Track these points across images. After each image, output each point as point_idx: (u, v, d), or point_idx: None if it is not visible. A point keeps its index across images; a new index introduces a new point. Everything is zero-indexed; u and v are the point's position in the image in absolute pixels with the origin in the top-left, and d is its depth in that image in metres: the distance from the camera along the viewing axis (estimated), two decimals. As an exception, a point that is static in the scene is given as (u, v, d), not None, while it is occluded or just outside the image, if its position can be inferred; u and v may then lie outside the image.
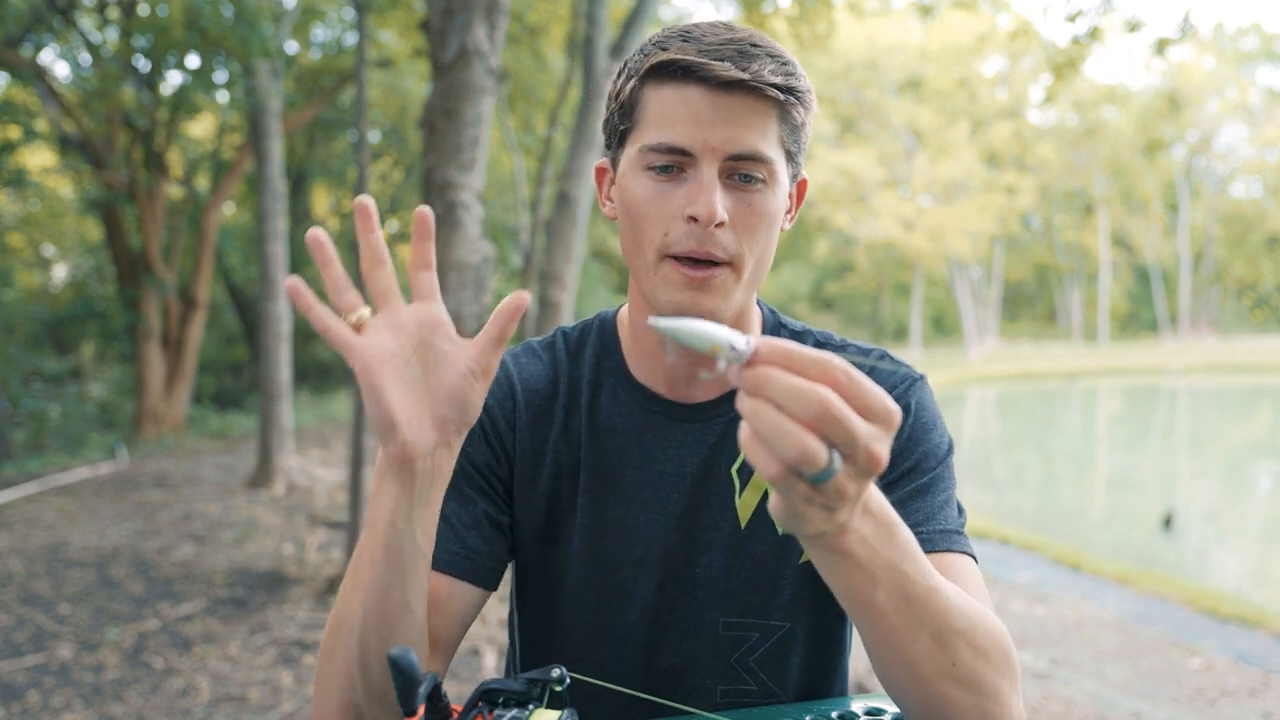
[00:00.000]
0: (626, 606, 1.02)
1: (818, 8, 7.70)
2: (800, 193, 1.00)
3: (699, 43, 0.87)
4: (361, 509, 5.32)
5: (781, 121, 0.89)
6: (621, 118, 0.93)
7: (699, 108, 0.87)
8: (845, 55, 36.30)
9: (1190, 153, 42.99)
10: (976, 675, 0.76)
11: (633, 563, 1.01)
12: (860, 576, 0.69)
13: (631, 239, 0.93)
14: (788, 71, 0.88)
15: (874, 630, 0.73)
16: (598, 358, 1.05)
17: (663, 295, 0.91)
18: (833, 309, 43.53)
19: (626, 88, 0.92)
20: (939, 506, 0.94)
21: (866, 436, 0.57)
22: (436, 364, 0.77)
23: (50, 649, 4.21)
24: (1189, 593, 5.18)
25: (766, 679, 1.03)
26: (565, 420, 1.03)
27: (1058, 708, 3.59)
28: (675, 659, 1.02)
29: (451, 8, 3.95)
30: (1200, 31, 36.89)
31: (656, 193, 0.89)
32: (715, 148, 0.87)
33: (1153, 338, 44.89)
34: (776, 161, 0.89)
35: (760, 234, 0.90)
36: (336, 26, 12.86)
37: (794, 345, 0.58)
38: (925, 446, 0.98)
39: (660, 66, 0.88)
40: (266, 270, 8.25)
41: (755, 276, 0.93)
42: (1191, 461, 12.83)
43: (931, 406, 1.01)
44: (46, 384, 13.36)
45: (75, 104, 10.99)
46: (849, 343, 1.06)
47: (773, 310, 1.08)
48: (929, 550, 0.90)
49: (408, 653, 0.67)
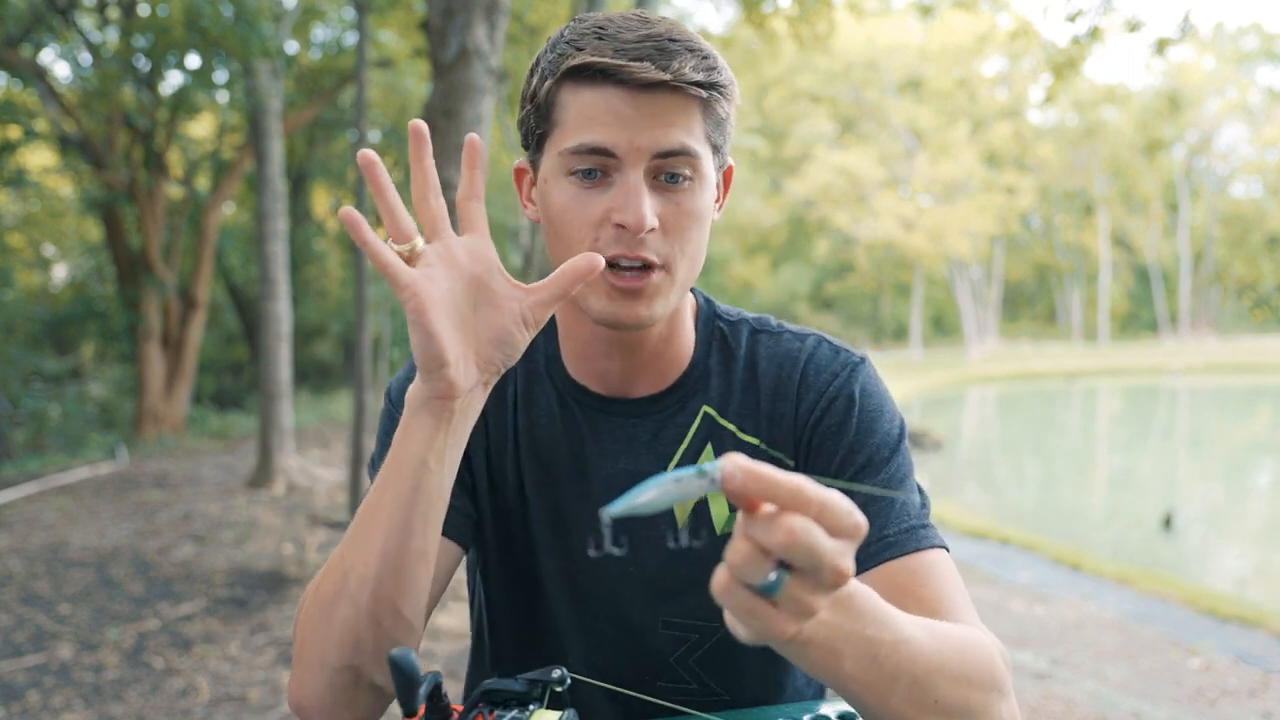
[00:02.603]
0: (566, 597, 1.01)
1: (818, 8, 7.70)
2: (727, 181, 0.98)
3: (615, 40, 0.84)
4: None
5: (705, 117, 0.87)
6: (539, 120, 0.90)
7: (620, 110, 0.83)
8: (845, 55, 36.27)
9: (1190, 153, 42.99)
10: (960, 701, 0.73)
11: (571, 554, 1.00)
12: (822, 653, 0.64)
13: (558, 245, 0.89)
14: (709, 66, 0.85)
15: (846, 692, 0.70)
16: (539, 348, 1.04)
17: (594, 303, 0.89)
18: (833, 309, 43.53)
19: (542, 89, 0.88)
20: (900, 502, 0.92)
21: (833, 554, 0.54)
22: (486, 301, 0.77)
23: (50, 649, 4.21)
24: (1189, 593, 5.18)
25: (708, 679, 1.01)
26: (514, 401, 1.03)
27: (1058, 708, 3.59)
28: (611, 653, 1.01)
29: (451, 8, 3.95)
30: (1200, 31, 36.92)
31: (581, 199, 0.86)
32: (640, 148, 0.84)
33: (1153, 338, 44.89)
34: (703, 157, 0.87)
35: (692, 234, 0.88)
36: (336, 26, 12.87)
37: (765, 471, 0.53)
38: (876, 438, 0.95)
39: (576, 69, 0.85)
40: (266, 270, 8.25)
41: (689, 276, 0.91)
42: (1191, 461, 12.83)
43: (876, 390, 0.98)
44: (46, 384, 13.36)
45: (75, 104, 10.99)
46: (785, 327, 1.04)
47: (708, 299, 1.06)
48: (898, 554, 0.88)
49: (408, 653, 0.67)
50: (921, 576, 0.87)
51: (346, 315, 15.93)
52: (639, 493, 0.53)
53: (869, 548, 0.89)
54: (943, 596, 0.86)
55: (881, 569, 0.88)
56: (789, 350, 1.00)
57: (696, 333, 1.02)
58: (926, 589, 0.86)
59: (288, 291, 8.43)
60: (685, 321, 1.00)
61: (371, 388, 7.18)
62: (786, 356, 1.00)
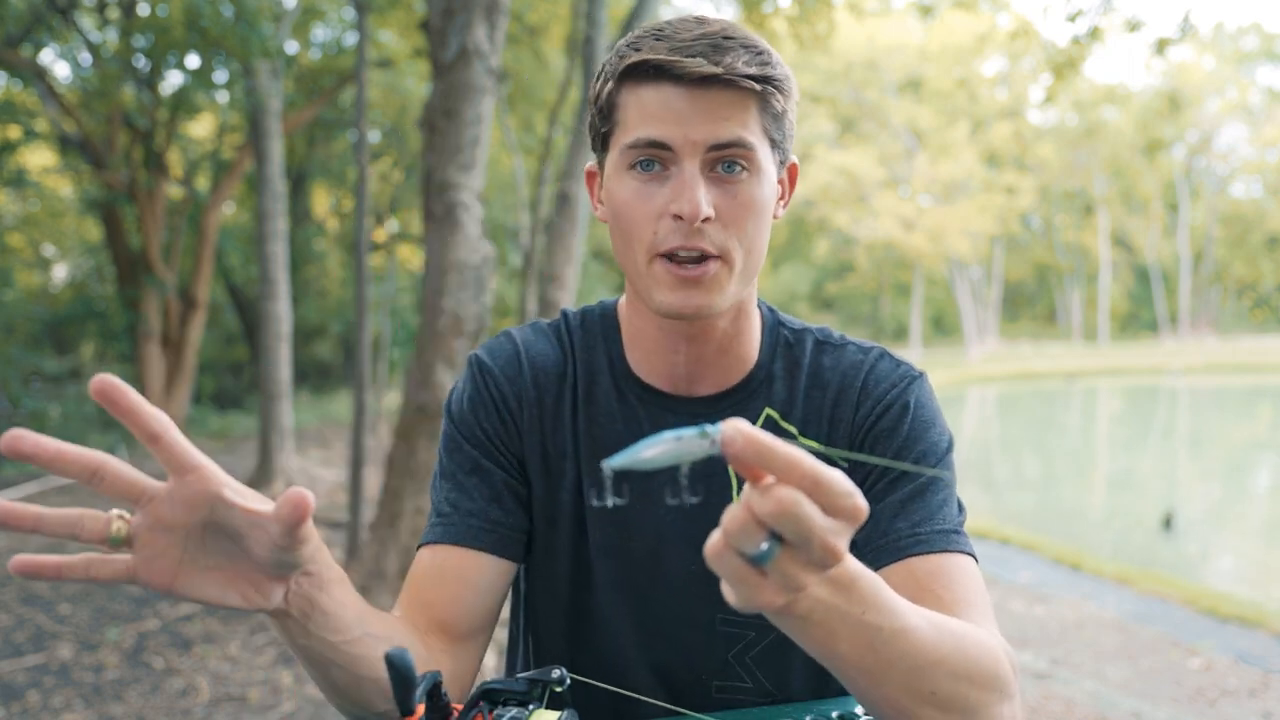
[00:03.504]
0: (623, 597, 1.02)
1: (818, 8, 7.70)
2: (792, 178, 0.99)
3: (671, 40, 0.87)
4: (361, 509, 5.32)
5: (762, 111, 0.89)
6: (602, 120, 0.93)
7: (676, 105, 0.86)
8: (845, 55, 36.28)
9: (1190, 153, 42.99)
10: (959, 698, 0.73)
11: (631, 554, 1.01)
12: (818, 633, 0.66)
13: (621, 240, 0.93)
14: (763, 61, 0.88)
15: (840, 673, 0.71)
16: (599, 347, 1.05)
17: (656, 295, 0.91)
18: (833, 309, 43.53)
19: (604, 90, 0.92)
20: (937, 506, 0.93)
21: (823, 530, 0.55)
22: (227, 539, 0.69)
23: (50, 649, 4.21)
24: (1189, 593, 5.18)
25: (763, 678, 1.03)
26: (573, 404, 1.03)
27: (1058, 708, 3.59)
28: (669, 653, 1.02)
29: (451, 8, 3.95)
30: (1200, 31, 36.93)
31: (641, 192, 0.89)
32: (696, 141, 0.86)
33: (1153, 338, 44.88)
34: (759, 148, 0.89)
35: (749, 225, 0.90)
36: (336, 26, 12.86)
37: (763, 439, 0.55)
38: (923, 445, 0.97)
39: (634, 67, 0.88)
40: (266, 270, 8.24)
41: (748, 269, 0.92)
42: (1191, 461, 12.83)
43: (930, 404, 1.01)
44: (46, 384, 13.36)
45: (75, 104, 10.99)
46: (848, 340, 1.05)
47: (772, 309, 1.08)
48: (925, 551, 0.90)
49: (404, 653, 0.66)
50: (945, 578, 0.88)
51: (346, 315, 15.93)
52: (641, 448, 0.55)
53: (899, 540, 0.91)
54: (962, 599, 0.87)
55: (907, 563, 0.90)
56: (853, 361, 1.03)
57: (762, 339, 1.04)
58: (949, 590, 0.88)
59: (288, 291, 8.43)
60: (751, 323, 1.02)
61: (371, 388, 7.17)
62: (851, 367, 1.02)
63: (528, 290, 7.51)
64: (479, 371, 1.04)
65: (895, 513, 0.92)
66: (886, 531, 0.92)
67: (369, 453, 5.80)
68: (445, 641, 0.94)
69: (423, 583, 0.96)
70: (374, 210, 16.07)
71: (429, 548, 0.98)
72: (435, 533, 0.98)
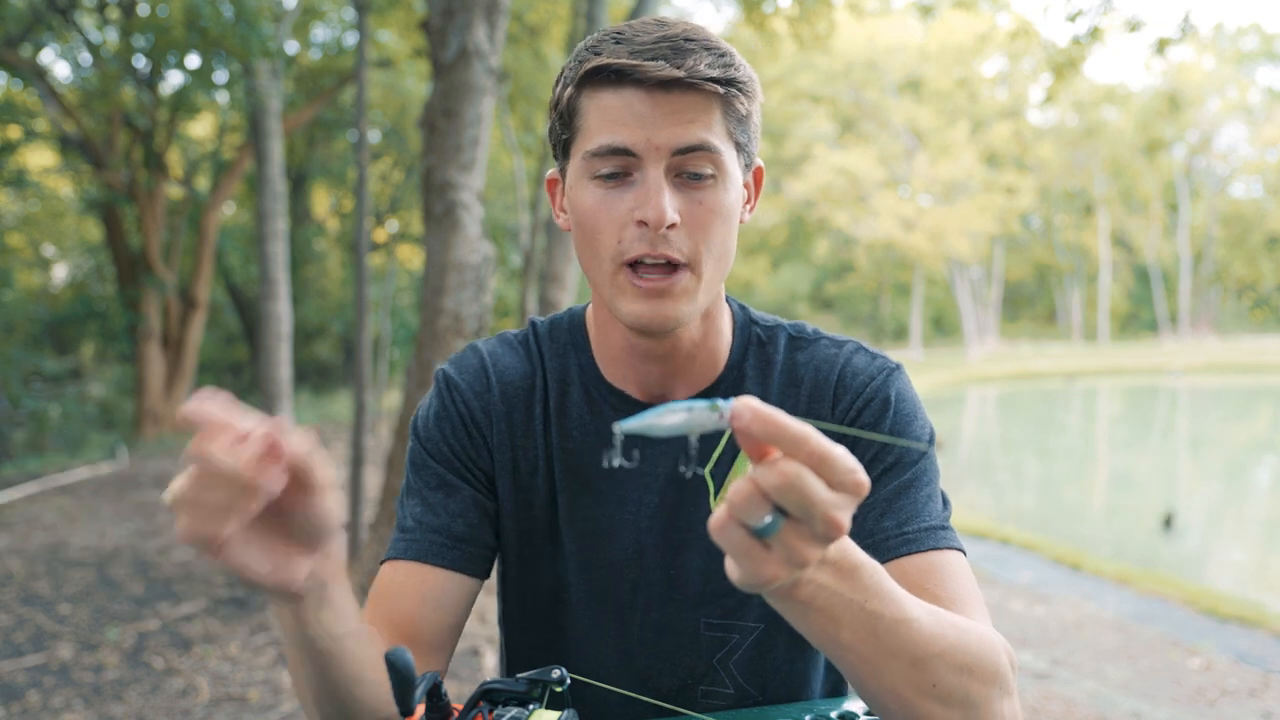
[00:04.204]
0: (602, 607, 1.01)
1: (818, 8, 7.71)
2: (758, 182, 0.98)
3: (632, 43, 0.85)
4: (361, 509, 5.31)
5: (726, 114, 0.87)
6: (563, 127, 0.91)
7: (639, 109, 0.84)
8: (845, 55, 36.27)
9: (1190, 153, 42.99)
10: (960, 691, 0.73)
11: (609, 563, 1.01)
12: (821, 619, 0.66)
13: (585, 249, 0.91)
14: (725, 63, 0.86)
15: (842, 662, 0.71)
16: (569, 356, 1.04)
17: (623, 305, 0.89)
18: (833, 309, 43.53)
19: (564, 96, 0.89)
20: (923, 502, 0.93)
21: (826, 504, 0.56)
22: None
23: (50, 649, 4.21)
24: (1189, 593, 5.18)
25: (743, 681, 1.02)
26: (544, 416, 1.02)
27: (1058, 708, 3.59)
28: (653, 662, 1.02)
29: (451, 8, 3.95)
30: (1200, 31, 36.87)
31: (604, 200, 0.87)
32: (659, 146, 0.84)
33: (1153, 338, 44.87)
34: (724, 151, 0.87)
35: (716, 231, 0.88)
36: (336, 26, 12.86)
37: (772, 414, 0.56)
38: (907, 438, 0.97)
39: (595, 72, 0.86)
40: (266, 270, 8.24)
41: (716, 275, 0.91)
42: (1191, 461, 12.83)
43: (910, 396, 1.00)
44: (46, 384, 13.36)
45: (75, 104, 10.99)
46: (822, 335, 1.04)
47: (744, 307, 1.07)
48: (915, 550, 0.90)
49: (404, 653, 0.66)
50: (936, 575, 0.88)
51: (346, 315, 15.93)
52: (655, 414, 0.57)
53: (888, 541, 0.91)
54: (955, 596, 0.87)
55: (897, 563, 0.90)
56: (827, 356, 1.02)
57: (733, 338, 1.03)
58: (941, 587, 0.87)
59: (288, 291, 8.43)
60: (721, 324, 1.01)
61: (371, 387, 7.17)
62: (825, 362, 1.01)
63: (528, 290, 7.51)
64: (445, 388, 1.03)
65: (883, 510, 0.92)
66: (874, 531, 0.91)
67: (368, 452, 5.80)
68: None
69: (385, 598, 0.95)
70: (374, 210, 16.07)
71: (391, 563, 0.97)
72: (398, 548, 0.97)
